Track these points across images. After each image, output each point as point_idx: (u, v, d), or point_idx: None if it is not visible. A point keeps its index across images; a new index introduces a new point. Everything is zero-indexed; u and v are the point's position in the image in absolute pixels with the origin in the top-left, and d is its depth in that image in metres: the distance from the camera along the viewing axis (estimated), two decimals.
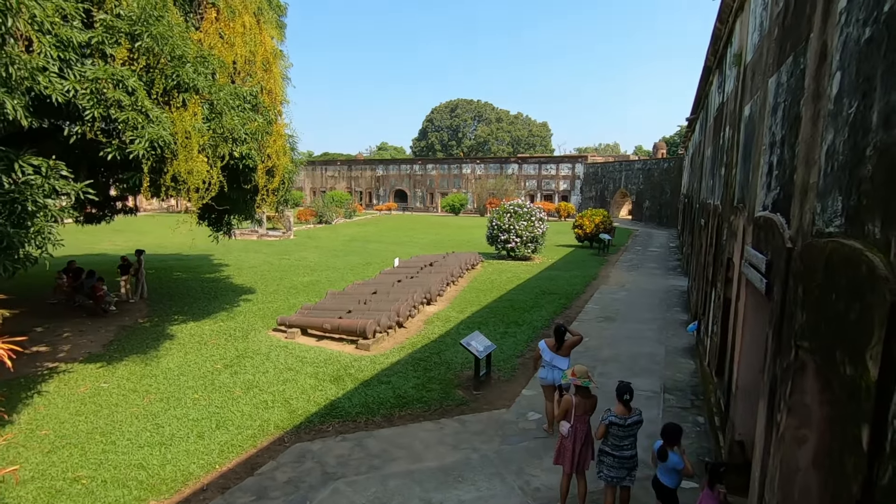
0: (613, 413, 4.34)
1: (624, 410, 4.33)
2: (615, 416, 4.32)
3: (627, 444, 4.33)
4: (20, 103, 4.21)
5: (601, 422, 4.39)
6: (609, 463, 4.36)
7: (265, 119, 8.48)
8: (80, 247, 19.92)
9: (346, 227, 34.28)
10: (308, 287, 14.25)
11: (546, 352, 6.14)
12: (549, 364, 6.07)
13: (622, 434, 4.31)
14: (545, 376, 6.10)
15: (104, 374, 7.84)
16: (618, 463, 4.33)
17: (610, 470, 4.36)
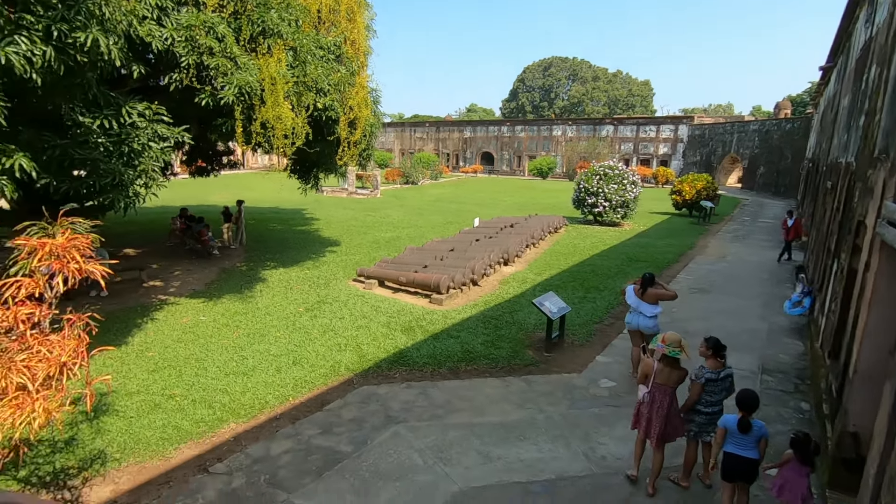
0: (707, 368, 4.13)
1: (717, 364, 4.13)
2: (710, 370, 4.11)
3: (718, 399, 4.16)
4: (115, 44, 4.50)
5: (695, 380, 4.16)
6: (700, 421, 4.19)
7: (348, 70, 8.49)
8: (192, 197, 22.06)
9: (431, 187, 34.60)
10: (389, 242, 14.58)
11: (631, 296, 6.17)
12: (635, 310, 6.12)
13: (716, 389, 4.13)
14: (630, 321, 6.18)
15: (203, 308, 8.63)
16: (707, 420, 4.15)
17: (700, 427, 4.20)
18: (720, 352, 4.17)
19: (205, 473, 4.37)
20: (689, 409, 4.21)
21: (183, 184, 26.59)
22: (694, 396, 4.18)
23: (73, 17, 4.15)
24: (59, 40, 4.19)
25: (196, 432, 4.99)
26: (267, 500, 4.03)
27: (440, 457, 4.66)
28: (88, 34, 4.20)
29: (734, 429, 3.66)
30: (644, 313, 6.08)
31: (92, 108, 5.33)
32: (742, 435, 3.64)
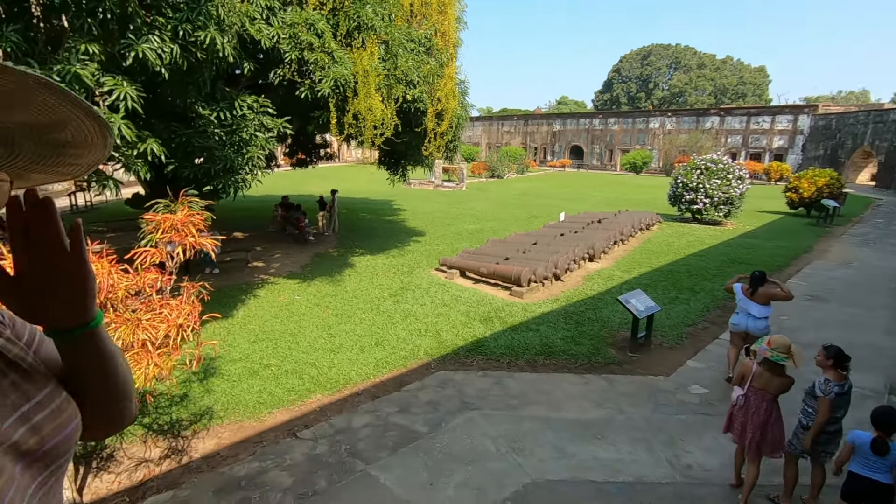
0: (833, 381, 3.66)
1: (839, 376, 3.67)
2: (836, 384, 3.64)
3: (839, 417, 3.70)
4: (229, 42, 4.97)
5: (822, 396, 3.64)
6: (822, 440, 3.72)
7: (437, 62, 8.63)
8: (292, 187, 23.76)
9: (517, 181, 34.23)
10: (472, 234, 14.67)
11: (740, 296, 5.75)
12: (743, 310, 5.71)
13: (840, 403, 3.66)
14: (737, 322, 5.78)
15: (298, 289, 9.30)
16: (827, 438, 3.70)
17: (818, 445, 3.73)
18: (842, 363, 3.69)
19: (293, 437, 4.73)
20: (819, 431, 3.64)
21: (285, 174, 28.73)
22: (823, 416, 3.61)
23: (196, 17, 4.66)
24: (184, 39, 4.72)
25: (287, 400, 5.41)
26: (346, 468, 4.27)
27: (513, 446, 4.63)
28: (207, 33, 4.69)
29: (867, 449, 3.24)
30: (753, 314, 5.63)
31: (210, 101, 5.94)
32: (876, 457, 3.21)
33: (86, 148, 0.67)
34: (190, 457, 4.43)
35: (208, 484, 4.05)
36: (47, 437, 0.70)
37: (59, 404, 0.74)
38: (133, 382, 0.85)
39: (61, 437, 0.72)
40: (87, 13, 4.36)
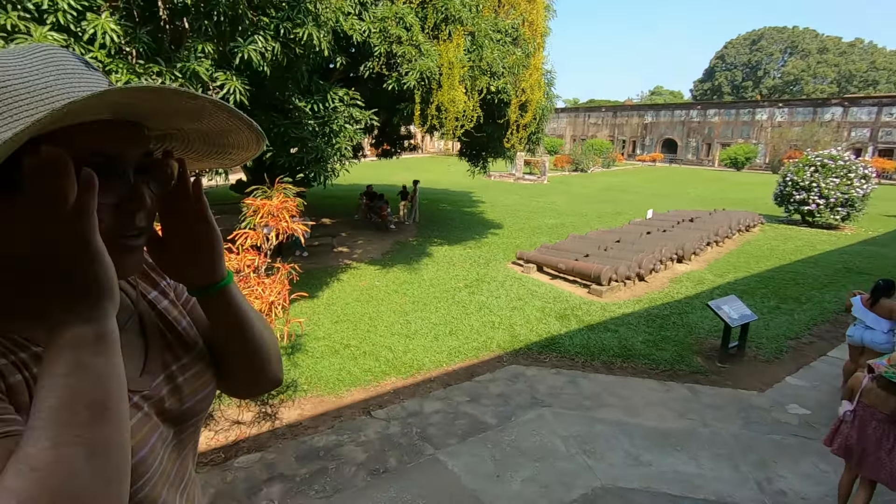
0: None
1: None
2: None
3: None
4: (325, 38, 5.25)
5: None
6: None
7: (523, 52, 8.50)
8: (377, 177, 24.65)
9: (602, 175, 32.90)
10: (552, 229, 14.36)
11: (858, 306, 5.24)
12: (861, 322, 5.22)
13: None
14: (853, 334, 5.28)
15: (378, 275, 9.67)
16: None
17: None
18: None
19: (368, 416, 4.96)
20: None
21: (371, 165, 29.89)
22: None
23: (295, 15, 4.97)
24: (284, 36, 5.06)
25: (363, 380, 5.68)
26: (416, 450, 4.40)
27: (584, 448, 4.51)
28: (305, 30, 4.99)
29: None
30: (872, 327, 5.09)
31: (306, 94, 6.33)
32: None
33: (243, 149, 0.80)
34: (276, 423, 4.81)
35: (291, 450, 4.38)
36: (186, 398, 0.79)
37: (200, 368, 0.83)
38: (275, 345, 0.92)
39: (197, 398, 0.81)
40: (205, 16, 4.82)
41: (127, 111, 0.62)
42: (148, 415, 0.72)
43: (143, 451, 0.69)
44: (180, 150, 0.80)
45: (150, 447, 0.71)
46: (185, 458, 0.81)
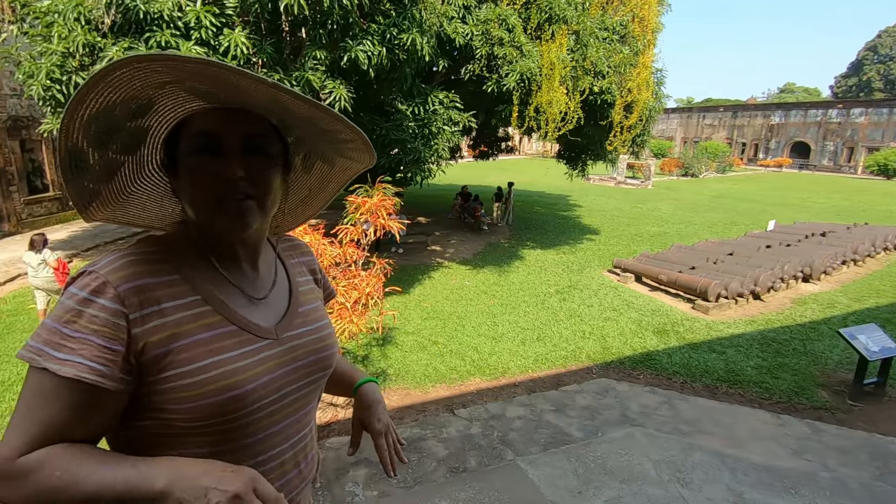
0: None
1: None
2: None
3: None
4: (428, 42, 5.40)
5: None
6: None
7: (632, 50, 8.06)
8: (472, 178, 24.89)
9: (715, 181, 30.20)
10: (654, 237, 13.48)
11: None
12: None
13: None
14: None
15: (468, 275, 9.77)
16: None
17: None
18: None
19: (450, 413, 5.03)
20: None
21: (467, 165, 30.27)
22: None
23: (401, 22, 5.18)
24: (389, 41, 5.30)
25: (448, 377, 5.77)
26: (496, 454, 4.38)
27: (678, 476, 4.18)
28: (410, 35, 5.19)
29: None
30: None
31: (407, 97, 6.57)
32: None
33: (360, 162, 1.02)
34: None
35: None
36: (307, 356, 0.97)
37: (322, 337, 1.02)
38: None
39: (317, 357, 0.99)
40: (320, 25, 5.21)
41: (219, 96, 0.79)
42: (270, 357, 0.90)
43: (253, 385, 0.85)
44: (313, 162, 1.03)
45: (264, 383, 0.87)
46: (308, 412, 1.00)
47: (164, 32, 4.90)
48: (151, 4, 4.78)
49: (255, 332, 0.89)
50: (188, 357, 0.80)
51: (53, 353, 0.73)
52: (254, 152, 0.84)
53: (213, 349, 0.83)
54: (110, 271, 0.79)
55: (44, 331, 0.75)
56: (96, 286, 0.77)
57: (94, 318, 0.75)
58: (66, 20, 4.87)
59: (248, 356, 0.86)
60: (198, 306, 0.84)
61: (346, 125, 0.88)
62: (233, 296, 0.90)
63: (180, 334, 0.81)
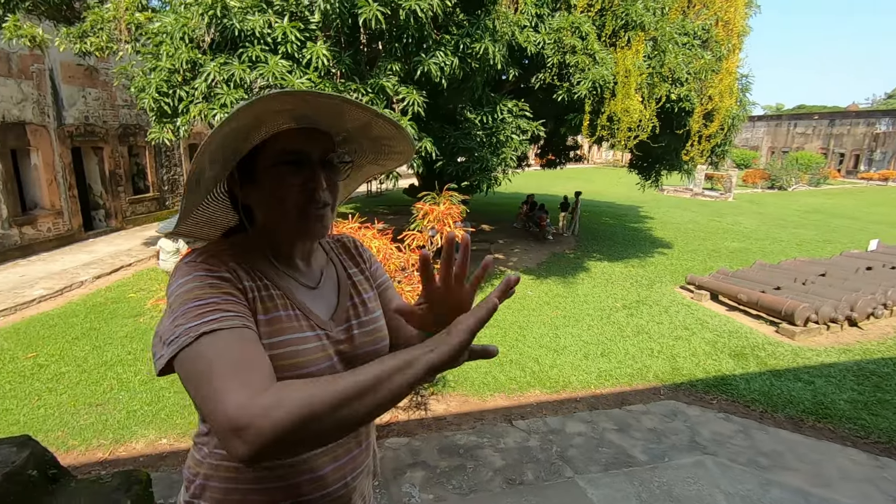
0: None
1: None
2: None
3: None
4: (500, 51, 5.43)
5: None
6: None
7: (714, 55, 7.64)
8: (539, 186, 24.56)
9: (806, 195, 27.75)
10: (733, 254, 12.61)
11: None
12: None
13: None
14: None
15: (531, 285, 9.64)
16: None
17: None
18: None
19: (509, 424, 4.99)
20: None
21: (534, 174, 29.91)
22: None
23: (474, 32, 5.26)
24: (462, 51, 5.39)
25: (508, 387, 5.72)
26: (554, 470, 4.28)
27: None
28: (482, 45, 5.25)
29: None
30: None
31: (476, 106, 6.64)
32: None
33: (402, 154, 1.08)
34: (425, 414, 5.14)
35: (435, 441, 4.63)
36: (358, 347, 1.02)
37: (376, 328, 1.07)
38: None
39: (368, 350, 1.04)
40: (396, 38, 5.41)
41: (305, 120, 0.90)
42: (325, 347, 0.96)
43: (316, 368, 0.92)
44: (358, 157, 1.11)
45: (322, 369, 0.93)
46: None
47: (255, 48, 5.31)
48: (245, 23, 5.20)
49: (315, 321, 0.98)
50: (271, 330, 0.90)
51: (199, 322, 0.76)
52: (328, 166, 0.95)
53: (286, 328, 0.92)
54: (210, 256, 0.90)
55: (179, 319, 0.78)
56: (205, 266, 0.87)
57: (219, 284, 0.84)
58: (172, 39, 5.42)
59: (311, 341, 0.94)
60: (271, 289, 0.94)
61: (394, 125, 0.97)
62: (293, 288, 0.99)
63: (265, 309, 0.91)
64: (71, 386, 5.48)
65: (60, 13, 7.91)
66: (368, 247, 4.28)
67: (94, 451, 4.43)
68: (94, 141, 12.35)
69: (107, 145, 12.73)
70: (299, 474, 0.94)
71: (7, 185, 10.02)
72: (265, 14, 5.30)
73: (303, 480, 0.94)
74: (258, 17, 5.24)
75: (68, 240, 11.55)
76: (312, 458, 0.95)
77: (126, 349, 6.39)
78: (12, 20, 7.18)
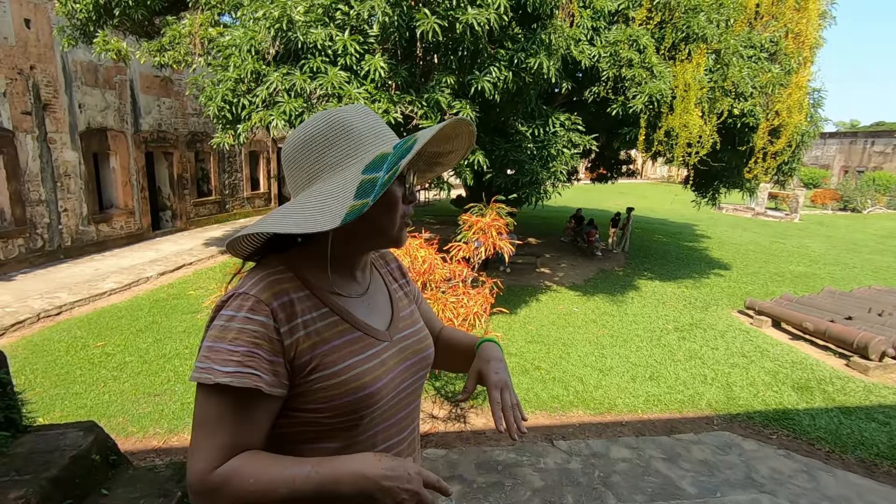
0: None
1: None
2: None
3: None
4: (554, 65, 5.39)
5: None
6: None
7: (783, 68, 7.25)
8: (589, 201, 24.06)
9: (883, 218, 25.68)
10: (798, 279, 11.82)
11: None
12: None
13: None
14: None
15: (577, 301, 9.41)
16: None
17: None
18: None
19: (549, 444, 4.85)
20: None
21: (584, 188, 29.34)
22: None
23: (529, 46, 5.25)
24: (516, 66, 5.39)
25: (550, 406, 5.58)
26: (596, 496, 4.12)
27: None
28: (537, 59, 5.23)
29: None
30: None
31: (528, 119, 6.60)
32: None
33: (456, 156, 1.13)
34: (464, 427, 5.09)
35: (472, 456, 4.57)
36: (415, 353, 1.09)
37: (422, 337, 1.14)
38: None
39: (422, 356, 1.11)
40: (451, 51, 5.48)
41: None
42: (388, 358, 1.01)
43: (380, 384, 0.96)
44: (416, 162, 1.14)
45: (386, 382, 0.98)
46: (416, 406, 1.12)
47: (316, 59, 5.54)
48: (309, 36, 5.43)
49: (375, 335, 1.01)
50: (329, 361, 0.92)
51: (222, 369, 0.83)
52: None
53: (346, 353, 0.94)
54: (259, 291, 0.89)
55: (209, 352, 0.85)
56: (250, 305, 0.87)
57: (254, 333, 0.85)
58: (240, 52, 5.74)
59: (373, 358, 0.98)
60: (329, 316, 0.96)
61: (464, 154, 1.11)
62: (350, 304, 1.02)
63: (320, 342, 0.93)
64: (133, 375, 5.83)
65: (142, 29, 8.57)
66: (414, 256, 4.33)
67: (150, 438, 4.68)
68: (165, 146, 13.23)
69: (176, 150, 13.61)
70: None
71: (88, 185, 10.88)
72: (327, 28, 5.52)
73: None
74: (321, 31, 5.46)
75: (138, 238, 12.38)
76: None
77: (183, 343, 6.74)
78: (102, 36, 7.85)
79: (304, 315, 0.92)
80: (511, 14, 5.30)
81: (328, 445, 0.94)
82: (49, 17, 9.53)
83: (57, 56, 9.79)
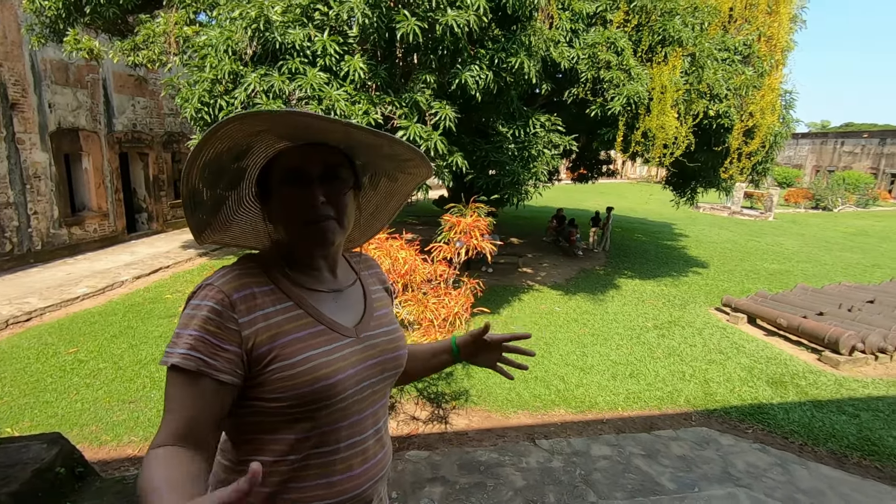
0: None
1: None
2: None
3: None
4: (534, 66, 5.42)
5: None
6: None
7: (756, 71, 7.43)
8: (570, 200, 24.30)
9: (852, 217, 26.50)
10: (772, 276, 12.12)
11: None
12: None
13: None
14: None
15: (559, 300, 9.49)
16: None
17: None
18: None
19: (531, 443, 4.88)
20: None
21: (565, 188, 29.63)
22: None
23: (510, 46, 5.27)
24: (497, 66, 5.41)
25: (532, 405, 5.62)
26: (577, 494, 4.16)
27: None
28: (518, 59, 5.26)
29: None
30: None
31: (509, 120, 6.64)
32: None
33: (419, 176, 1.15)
34: (446, 427, 5.09)
35: (455, 456, 4.57)
36: (383, 352, 1.10)
37: (394, 338, 1.15)
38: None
39: (389, 356, 1.11)
40: (431, 51, 5.47)
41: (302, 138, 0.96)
42: (351, 353, 1.02)
43: (339, 377, 0.98)
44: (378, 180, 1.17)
45: (347, 376, 0.99)
46: (383, 405, 1.13)
47: (295, 60, 5.47)
48: (287, 36, 5.37)
49: (339, 331, 1.03)
50: (288, 352, 0.95)
51: (177, 351, 0.88)
52: (331, 179, 1.00)
53: (306, 345, 0.97)
54: (223, 283, 0.95)
55: (175, 337, 0.90)
56: (212, 294, 0.93)
57: (209, 320, 0.90)
58: (217, 52, 5.64)
59: (335, 352, 1.00)
60: (293, 310, 0.99)
61: (406, 147, 1.02)
62: (318, 300, 1.04)
63: (280, 333, 0.96)
64: (107, 382, 5.68)
65: (115, 27, 8.37)
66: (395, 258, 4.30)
67: (125, 447, 4.57)
68: (140, 147, 12.94)
69: (152, 151, 13.31)
70: (339, 473, 1.01)
71: (60, 187, 10.57)
72: (306, 28, 5.46)
73: (344, 478, 1.02)
74: (299, 31, 5.40)
75: (112, 241, 12.08)
76: (350, 456, 1.02)
77: (160, 349, 6.60)
78: (72, 34, 7.63)
79: (265, 308, 0.96)
80: (491, 15, 5.33)
81: (286, 437, 0.96)
82: (16, 14, 9.24)
83: (25, 54, 9.50)
